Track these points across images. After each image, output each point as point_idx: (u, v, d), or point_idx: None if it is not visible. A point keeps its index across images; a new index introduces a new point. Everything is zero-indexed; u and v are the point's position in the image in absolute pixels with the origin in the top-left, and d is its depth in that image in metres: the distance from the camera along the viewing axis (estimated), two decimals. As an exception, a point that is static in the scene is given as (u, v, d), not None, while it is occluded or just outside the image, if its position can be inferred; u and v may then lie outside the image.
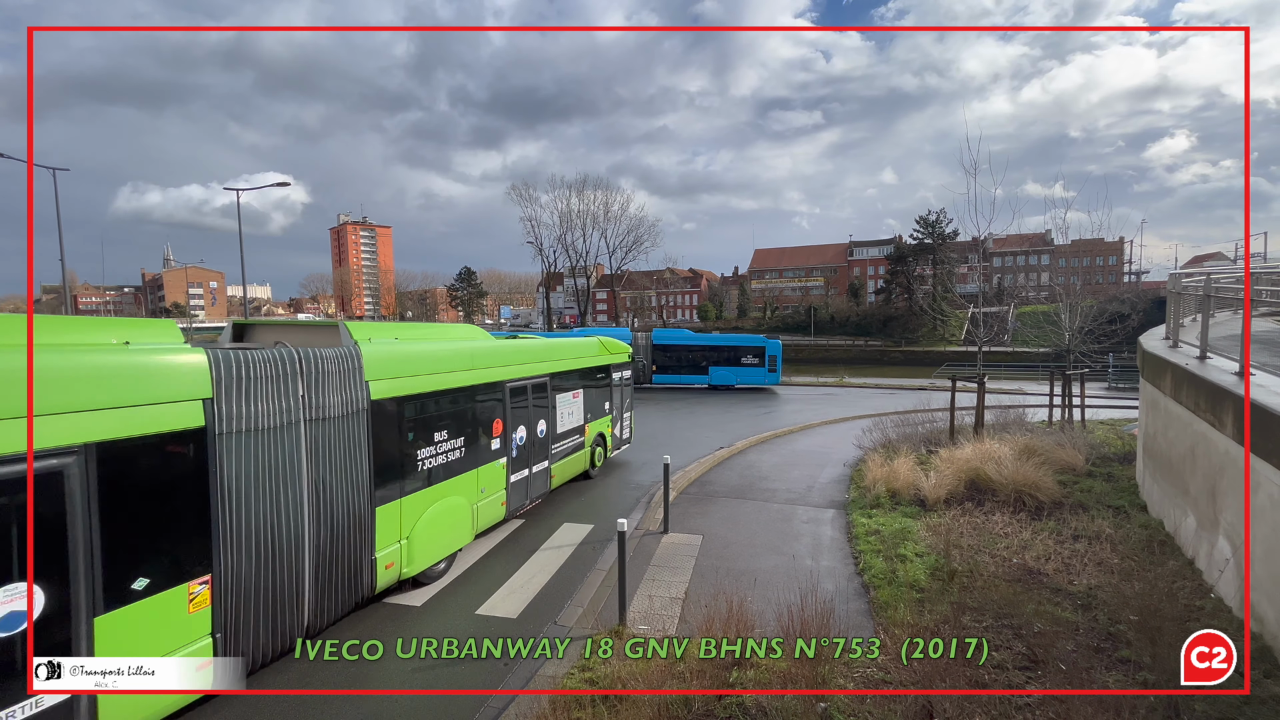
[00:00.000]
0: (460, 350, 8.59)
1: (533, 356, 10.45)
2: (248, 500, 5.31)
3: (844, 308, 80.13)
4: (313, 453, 5.92)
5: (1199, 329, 8.71)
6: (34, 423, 4.43)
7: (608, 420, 13.55)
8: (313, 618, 6.01)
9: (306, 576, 5.88)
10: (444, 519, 7.87)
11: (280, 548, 5.58)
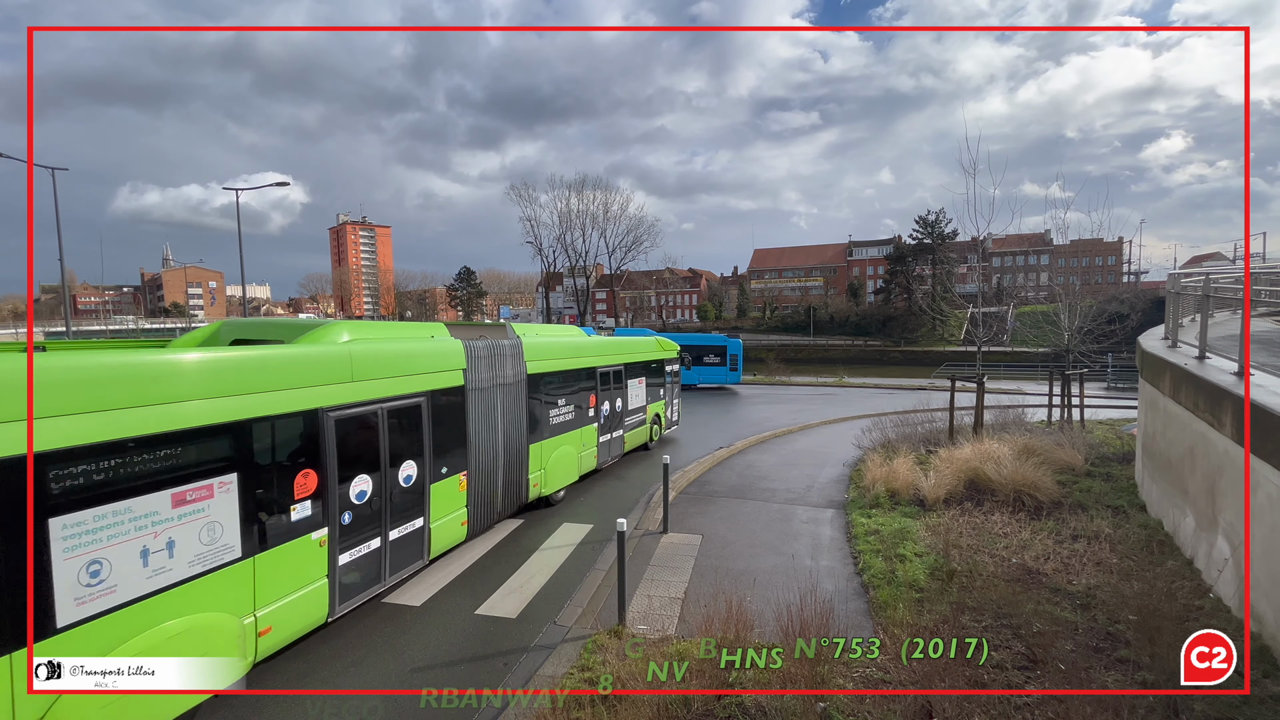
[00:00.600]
0: (573, 344, 11.87)
1: (615, 350, 13.65)
2: (480, 431, 8.60)
3: (843, 308, 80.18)
4: (502, 405, 9.14)
5: (1198, 329, 8.71)
6: (408, 381, 7.32)
7: (662, 404, 16.71)
8: (501, 510, 9.31)
9: (500, 482, 9.13)
10: (563, 460, 11.18)
11: (491, 462, 8.88)
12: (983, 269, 72.77)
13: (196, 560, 4.98)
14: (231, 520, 5.24)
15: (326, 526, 6.15)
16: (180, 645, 4.82)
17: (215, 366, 5.21)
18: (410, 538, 7.37)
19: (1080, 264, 75.56)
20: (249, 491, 5.36)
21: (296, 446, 5.88)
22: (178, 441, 4.85)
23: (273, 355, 5.86)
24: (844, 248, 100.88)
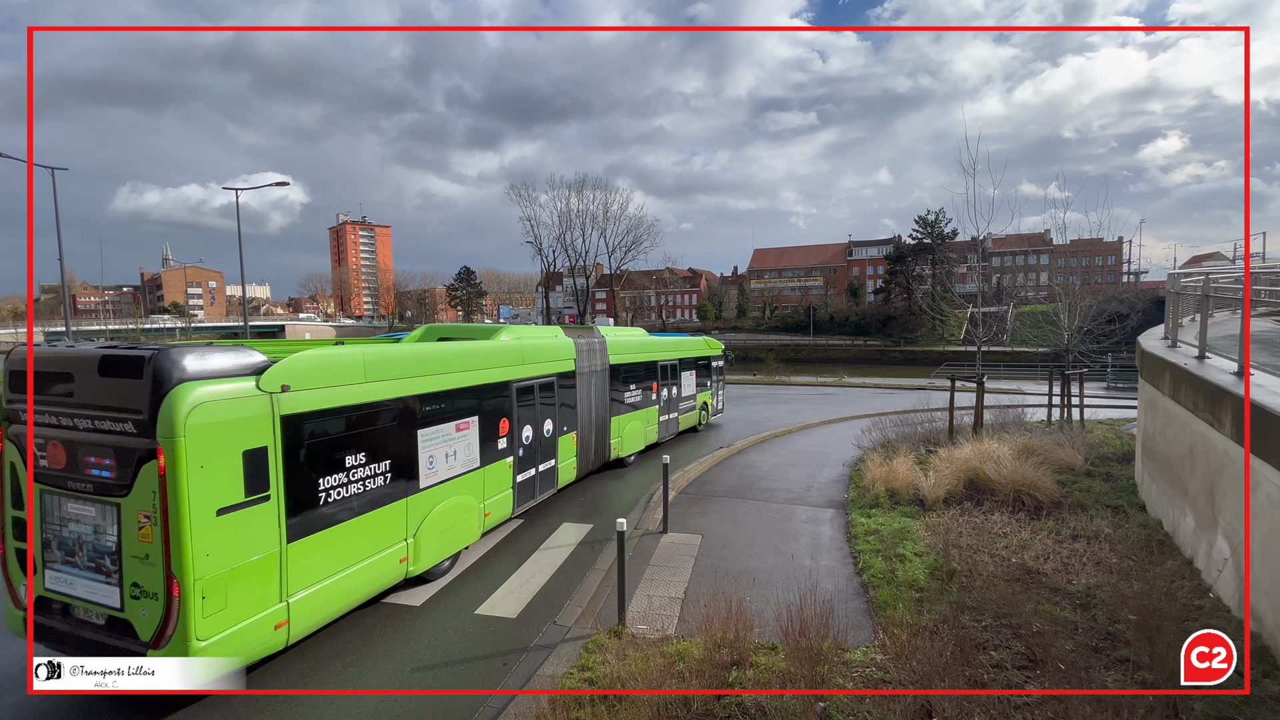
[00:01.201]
0: (640, 341, 15.33)
1: (671, 347, 16.81)
2: (584, 404, 11.70)
3: (843, 307, 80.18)
4: (596, 387, 12.27)
5: (1198, 329, 8.71)
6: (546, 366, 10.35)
7: (709, 393, 19.43)
8: (593, 462, 12.38)
9: (594, 442, 12.29)
10: (634, 432, 14.36)
11: (590, 426, 12.03)
12: (982, 269, 72.68)
13: (462, 465, 8.21)
14: (475, 445, 8.51)
15: (512, 456, 9.49)
16: (456, 512, 8.02)
17: (467, 352, 8.74)
18: (548, 472, 10.73)
19: (1080, 264, 75.52)
20: (483, 428, 8.68)
21: (501, 404, 9.23)
22: (456, 395, 8.11)
23: (491, 347, 9.47)
24: (844, 247, 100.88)
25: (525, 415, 9.86)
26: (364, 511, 6.49)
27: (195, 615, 4.81)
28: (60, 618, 5.37)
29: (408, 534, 7.13)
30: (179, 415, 4.77)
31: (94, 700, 5.35)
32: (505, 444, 9.26)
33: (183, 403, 4.80)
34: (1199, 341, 8.33)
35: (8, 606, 5.73)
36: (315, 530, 5.89)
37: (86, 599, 5.21)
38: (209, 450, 4.95)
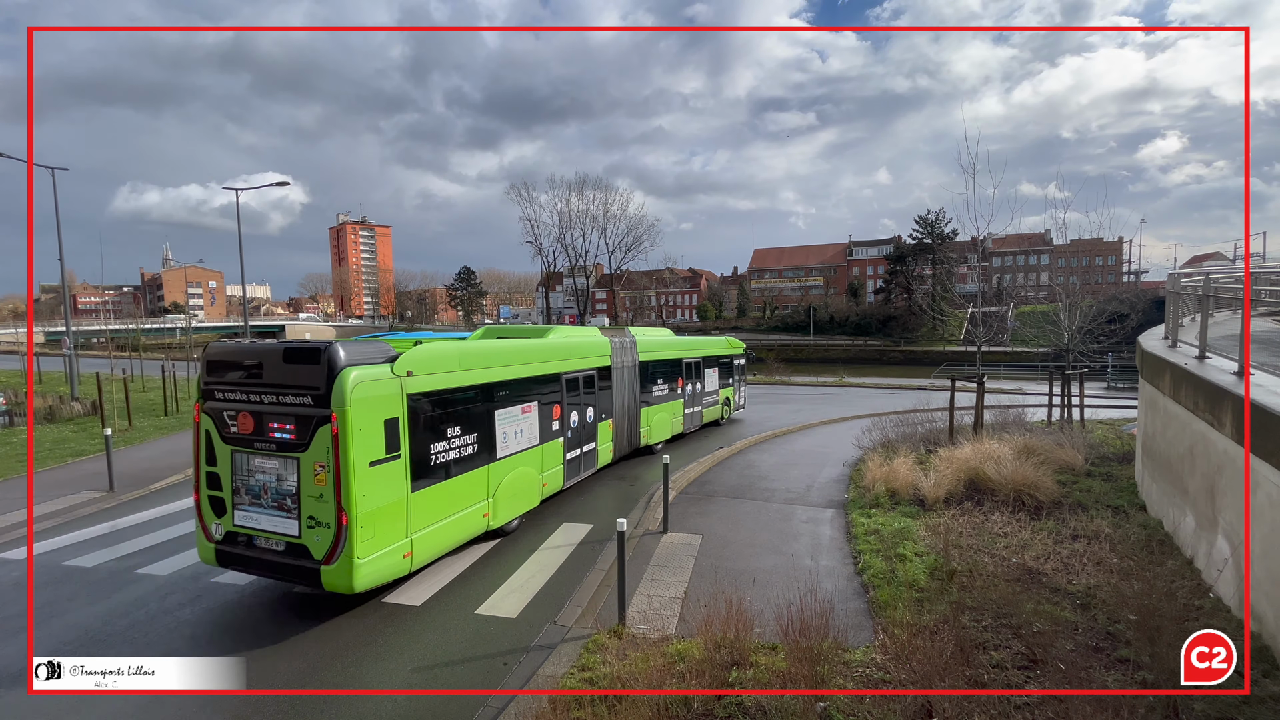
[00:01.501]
0: (665, 341, 16.88)
1: (694, 346, 18.52)
2: (617, 395, 13.13)
3: (843, 307, 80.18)
4: (628, 380, 13.74)
5: (1198, 329, 8.71)
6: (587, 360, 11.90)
7: (731, 390, 20.95)
8: (625, 447, 13.89)
9: (626, 429, 13.79)
10: (661, 422, 15.90)
11: (623, 415, 13.48)
12: (983, 269, 72.64)
13: (526, 442, 9.82)
14: (535, 425, 10.12)
15: (562, 437, 11.07)
16: (523, 480, 9.67)
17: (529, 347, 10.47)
18: (590, 452, 12.34)
19: (1080, 264, 75.51)
20: (541, 412, 10.25)
21: (554, 392, 10.84)
22: (523, 384, 9.77)
23: (546, 344, 11.16)
24: (844, 247, 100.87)
25: (572, 402, 11.50)
26: (460, 473, 8.23)
27: (356, 540, 6.46)
28: (245, 547, 6.99)
29: (488, 494, 8.90)
30: (347, 391, 6.45)
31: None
32: (557, 426, 10.94)
33: (349, 382, 6.50)
34: (1199, 341, 8.33)
35: (201, 541, 7.29)
36: (429, 484, 7.63)
37: (269, 530, 6.84)
38: (364, 418, 6.63)
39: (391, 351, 7.35)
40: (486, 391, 8.89)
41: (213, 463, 7.16)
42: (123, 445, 16.24)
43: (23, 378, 31.44)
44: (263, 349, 6.98)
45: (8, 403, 19.73)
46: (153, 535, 9.72)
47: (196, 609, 7.22)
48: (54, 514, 10.80)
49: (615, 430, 13.36)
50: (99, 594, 7.63)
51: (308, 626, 6.72)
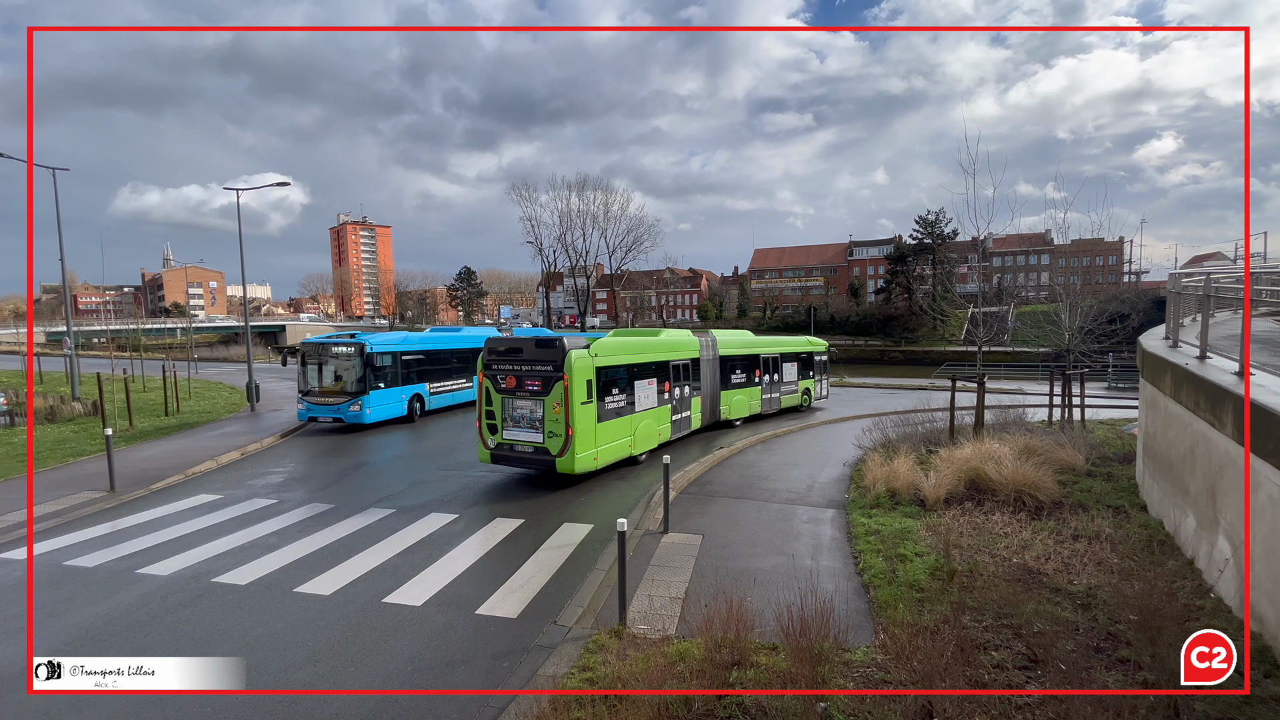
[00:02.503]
0: (744, 339, 21.04)
1: (773, 344, 22.67)
2: (703, 379, 17.71)
3: (844, 307, 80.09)
4: (710, 369, 17.98)
5: (1199, 329, 8.70)
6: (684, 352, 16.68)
7: (812, 382, 24.46)
8: (708, 419, 18.07)
9: (709, 405, 18.05)
10: (739, 404, 19.73)
11: (707, 395, 17.94)
12: (983, 269, 72.68)
13: (651, 403, 14.68)
14: (655, 394, 14.86)
15: (670, 404, 15.69)
16: (648, 427, 14.62)
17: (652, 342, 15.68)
18: (686, 418, 16.89)
19: (1081, 264, 75.44)
20: (658, 385, 14.97)
21: (665, 372, 15.39)
22: (649, 366, 14.79)
23: (660, 340, 16.05)
24: (844, 247, 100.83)
25: (675, 381, 16.18)
26: (617, 417, 13.39)
27: (575, 444, 11.81)
28: (509, 451, 12.40)
29: (631, 433, 13.97)
30: (571, 363, 11.75)
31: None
32: (667, 396, 15.77)
33: (572, 357, 11.82)
34: (1200, 341, 8.32)
35: (480, 450, 12.81)
36: (604, 420, 12.84)
37: (525, 440, 12.23)
38: (578, 378, 11.88)
39: (587, 342, 12.84)
40: (630, 369, 14.07)
41: (489, 404, 12.66)
42: (123, 445, 16.25)
43: (23, 378, 31.44)
44: (522, 340, 12.85)
45: (9, 403, 19.74)
46: (153, 535, 9.72)
47: (197, 609, 7.23)
48: (55, 514, 10.80)
49: (702, 405, 17.85)
50: (99, 594, 7.63)
51: (309, 625, 6.72)
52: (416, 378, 21.37)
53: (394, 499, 11.68)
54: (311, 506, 11.23)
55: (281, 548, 9.13)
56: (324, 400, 19.00)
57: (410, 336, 22.30)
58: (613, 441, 13.14)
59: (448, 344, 23.26)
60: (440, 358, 22.68)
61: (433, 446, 17.02)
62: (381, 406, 19.67)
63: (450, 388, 23.20)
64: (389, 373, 20.02)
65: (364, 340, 19.23)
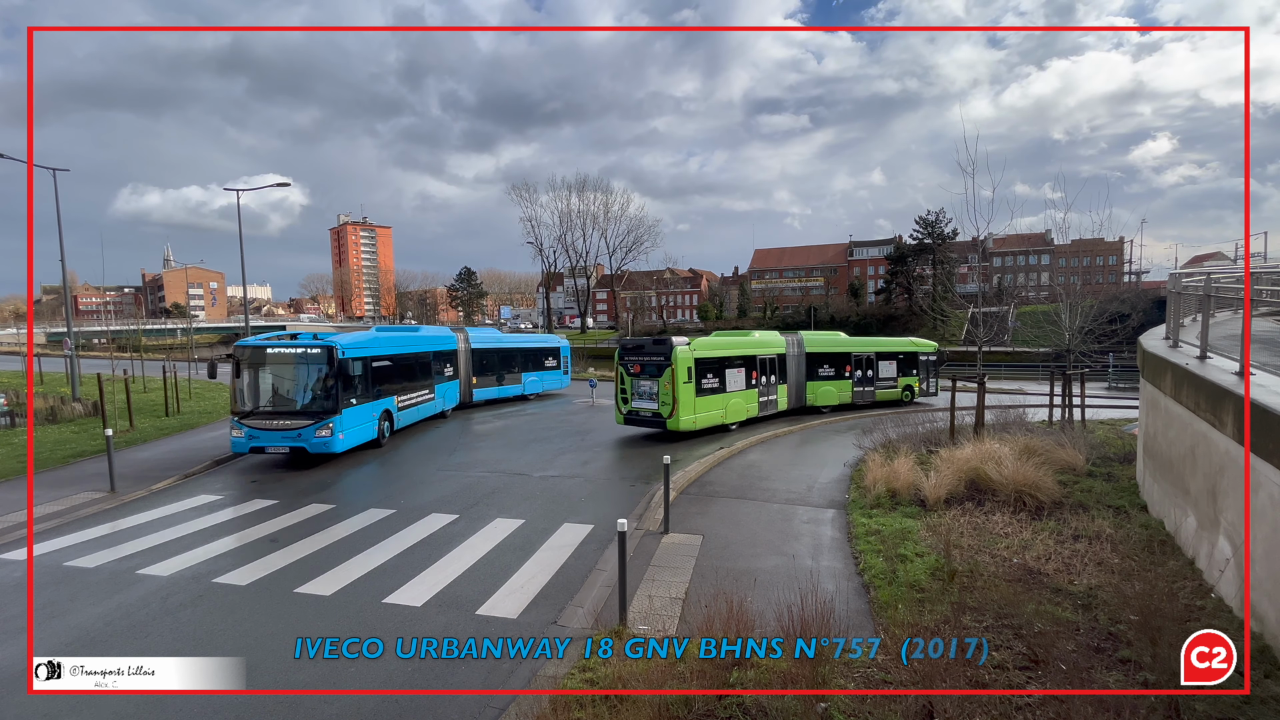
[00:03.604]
0: (833, 339, 25.36)
1: (869, 344, 25.50)
2: (790, 371, 22.30)
3: (844, 307, 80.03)
4: (796, 363, 22.60)
5: (1199, 329, 8.70)
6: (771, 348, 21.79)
7: (915, 379, 26.09)
8: (793, 404, 22.52)
9: (793, 393, 22.55)
10: (825, 394, 23.39)
11: (791, 384, 22.45)
12: (983, 269, 72.65)
13: (740, 386, 19.58)
14: (744, 379, 19.77)
15: (758, 388, 20.43)
16: (738, 405, 19.41)
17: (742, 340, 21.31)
18: (772, 400, 21.15)
19: (1081, 264, 75.42)
20: (746, 373, 19.87)
21: (753, 364, 20.28)
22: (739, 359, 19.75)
23: (751, 338, 21.78)
24: (844, 248, 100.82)
25: (762, 371, 20.70)
26: (712, 394, 18.16)
27: (679, 410, 17.04)
28: (634, 415, 17.86)
29: (723, 408, 18.66)
30: (675, 355, 17.07)
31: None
32: (754, 383, 20.31)
33: (676, 352, 17.12)
34: (1200, 341, 8.32)
35: (617, 414, 18.30)
36: (701, 396, 17.69)
37: (646, 408, 17.64)
38: (680, 365, 17.01)
39: (688, 340, 17.96)
40: (721, 361, 18.81)
41: (623, 384, 18.04)
42: (124, 446, 16.25)
43: (24, 378, 31.44)
44: (646, 340, 18.25)
45: (9, 403, 19.74)
46: (154, 536, 9.72)
47: (198, 609, 7.23)
48: (55, 514, 10.80)
49: (788, 392, 22.27)
50: (100, 595, 7.63)
51: (310, 625, 6.72)
52: (384, 389, 17.20)
53: (393, 499, 11.68)
54: (312, 507, 11.23)
55: (282, 548, 9.14)
56: (277, 424, 14.07)
57: (379, 338, 17.82)
58: (708, 411, 18.05)
59: (414, 346, 19.91)
60: (407, 364, 19.12)
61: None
62: (356, 429, 15.29)
63: (416, 400, 19.52)
64: (360, 384, 15.62)
65: (334, 342, 14.72)
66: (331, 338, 15.15)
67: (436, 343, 21.72)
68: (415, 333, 21.68)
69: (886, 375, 24.84)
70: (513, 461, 14.86)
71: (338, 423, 14.33)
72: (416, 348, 20.02)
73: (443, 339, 22.68)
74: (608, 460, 15.30)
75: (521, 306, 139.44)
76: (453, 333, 24.18)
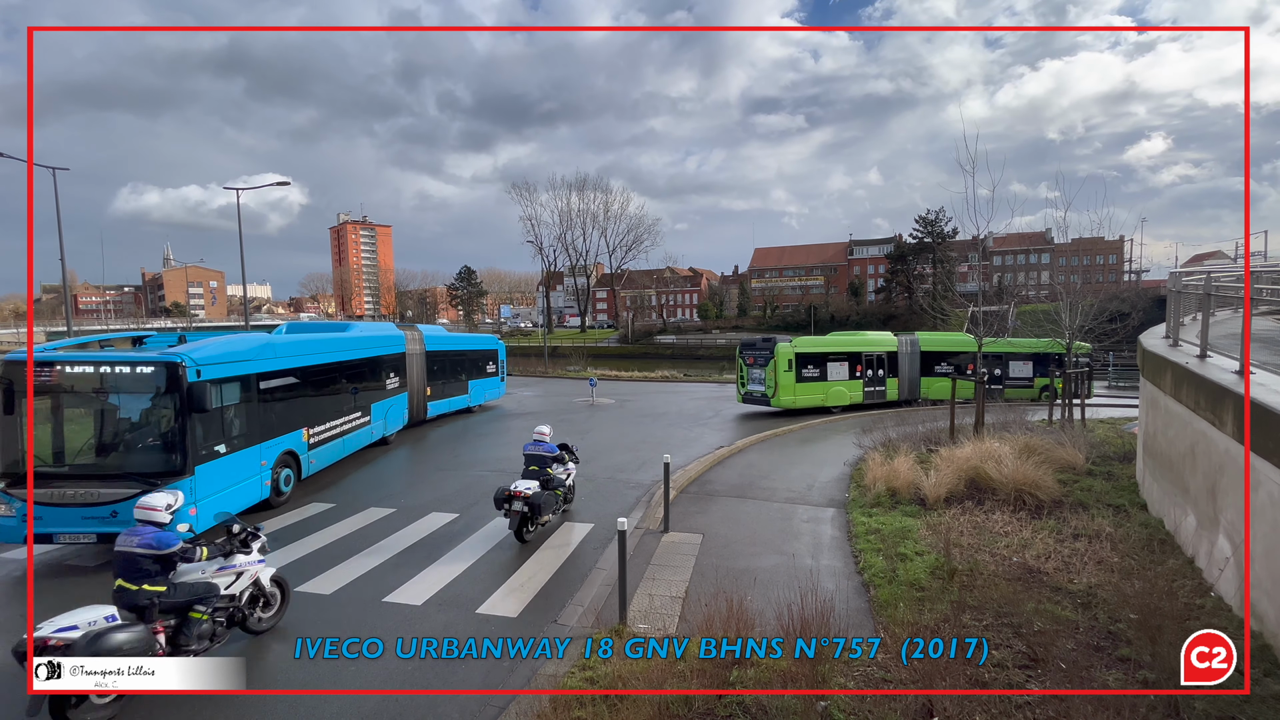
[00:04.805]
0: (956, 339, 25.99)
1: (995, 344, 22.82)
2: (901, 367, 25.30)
3: (844, 306, 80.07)
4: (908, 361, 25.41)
5: (1199, 328, 8.70)
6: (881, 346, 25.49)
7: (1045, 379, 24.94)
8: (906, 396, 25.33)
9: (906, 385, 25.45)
10: (940, 389, 22.68)
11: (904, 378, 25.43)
12: (983, 268, 72.60)
13: (844, 377, 23.92)
14: (847, 371, 23.97)
15: (862, 379, 24.21)
16: (839, 392, 23.73)
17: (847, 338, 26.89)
18: (879, 391, 24.59)
19: (1081, 263, 75.39)
20: (850, 367, 24.02)
21: (859, 359, 24.30)
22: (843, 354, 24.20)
23: (851, 337, 27.05)
24: (844, 247, 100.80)
25: (868, 366, 24.15)
26: (812, 381, 23.03)
27: (780, 392, 22.47)
28: (750, 395, 23.61)
29: (824, 393, 23.26)
30: (777, 350, 22.49)
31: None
32: (859, 375, 23.92)
33: (780, 348, 22.58)
34: (1200, 340, 8.32)
35: (738, 394, 24.31)
36: (801, 382, 22.76)
37: (757, 390, 23.29)
38: (781, 358, 22.35)
39: (791, 339, 23.50)
40: (821, 355, 23.39)
41: (742, 373, 23.88)
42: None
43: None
44: (759, 339, 24.12)
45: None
46: (153, 535, 9.70)
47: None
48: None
49: (899, 385, 24.82)
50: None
51: (311, 624, 6.71)
52: (284, 419, 11.61)
53: (395, 498, 11.68)
54: (312, 506, 11.23)
55: (282, 547, 9.13)
56: (75, 494, 8.60)
57: (273, 342, 11.76)
58: (807, 395, 22.78)
59: (338, 352, 14.06)
60: (325, 378, 13.28)
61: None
62: (227, 491, 9.74)
63: (340, 428, 13.77)
64: (238, 417, 10.26)
65: (181, 355, 8.99)
66: (197, 351, 9.36)
67: (375, 345, 16.27)
68: (344, 331, 15.96)
69: (1020, 376, 25.38)
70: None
71: (189, 488, 8.68)
72: (343, 354, 14.33)
73: (384, 340, 17.23)
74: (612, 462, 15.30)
75: (521, 305, 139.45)
76: (400, 331, 18.93)
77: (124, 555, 5.48)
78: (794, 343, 23.00)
